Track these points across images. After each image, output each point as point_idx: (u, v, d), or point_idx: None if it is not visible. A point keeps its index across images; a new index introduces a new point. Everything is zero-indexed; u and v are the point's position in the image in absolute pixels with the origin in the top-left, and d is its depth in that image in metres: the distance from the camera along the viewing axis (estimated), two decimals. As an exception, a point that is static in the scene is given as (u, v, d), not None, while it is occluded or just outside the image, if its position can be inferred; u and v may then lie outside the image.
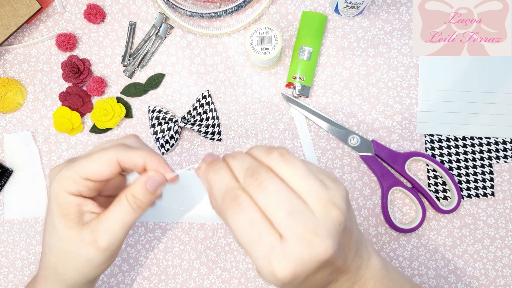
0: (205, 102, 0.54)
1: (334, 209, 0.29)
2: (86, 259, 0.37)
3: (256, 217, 0.28)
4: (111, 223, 0.36)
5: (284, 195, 0.29)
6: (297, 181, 0.29)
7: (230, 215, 0.29)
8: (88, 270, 0.38)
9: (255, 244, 0.28)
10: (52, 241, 0.37)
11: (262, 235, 0.28)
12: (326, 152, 0.54)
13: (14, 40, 0.57)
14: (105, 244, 0.36)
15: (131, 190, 0.36)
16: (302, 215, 0.28)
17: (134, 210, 0.36)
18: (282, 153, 0.31)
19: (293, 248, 0.27)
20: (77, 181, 0.35)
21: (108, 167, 0.35)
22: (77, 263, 0.37)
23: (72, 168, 0.35)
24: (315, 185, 0.29)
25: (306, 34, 0.53)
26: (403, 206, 0.54)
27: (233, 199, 0.29)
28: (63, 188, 0.35)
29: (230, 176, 0.31)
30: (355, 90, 0.54)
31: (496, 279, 0.53)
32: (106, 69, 0.56)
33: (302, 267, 0.28)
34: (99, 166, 0.35)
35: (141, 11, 0.56)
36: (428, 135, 0.54)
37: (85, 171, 0.35)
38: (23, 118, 0.57)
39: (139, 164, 0.36)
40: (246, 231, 0.28)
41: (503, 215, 0.53)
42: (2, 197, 0.56)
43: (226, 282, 0.54)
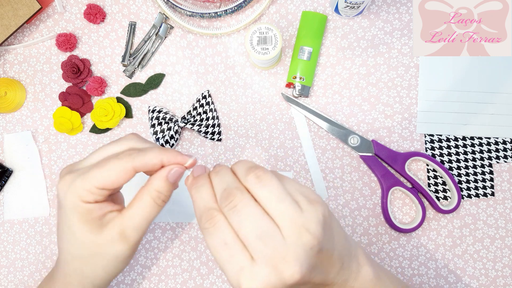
0: (205, 102, 0.54)
1: (306, 234, 0.30)
2: (115, 256, 0.37)
3: (229, 238, 0.30)
4: (137, 220, 0.36)
5: (256, 219, 0.30)
6: (271, 204, 0.30)
7: (206, 234, 0.31)
8: (116, 267, 0.38)
9: (227, 263, 0.30)
10: (74, 249, 0.38)
11: (234, 255, 0.30)
12: (326, 152, 0.54)
13: (14, 40, 0.57)
14: (134, 239, 0.37)
15: (154, 186, 0.36)
16: (272, 239, 0.29)
17: (158, 205, 0.37)
18: (258, 174, 0.32)
19: (261, 270, 0.29)
20: (93, 192, 0.35)
21: (124, 176, 0.35)
22: (106, 262, 0.38)
23: (87, 179, 0.35)
24: (289, 209, 0.30)
25: (306, 34, 0.53)
26: (403, 206, 0.54)
27: (209, 218, 0.31)
28: (80, 198, 0.35)
29: (210, 195, 0.32)
30: (355, 90, 0.54)
31: (496, 279, 0.53)
32: (106, 69, 0.56)
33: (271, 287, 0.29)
34: (115, 176, 0.35)
35: (141, 11, 0.56)
36: (428, 135, 0.54)
37: (101, 182, 0.35)
38: (23, 118, 0.57)
39: (156, 165, 0.36)
40: (219, 250, 0.30)
41: (503, 215, 0.53)
42: (2, 197, 0.56)
43: (226, 282, 0.54)
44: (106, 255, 0.37)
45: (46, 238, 0.56)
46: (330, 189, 0.54)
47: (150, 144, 0.38)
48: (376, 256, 0.54)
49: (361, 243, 0.54)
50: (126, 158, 0.35)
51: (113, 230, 0.36)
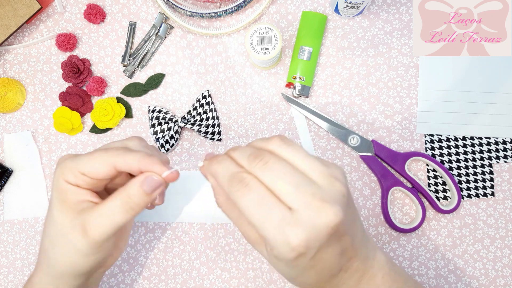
0: (205, 102, 0.54)
1: (337, 182, 0.31)
2: (73, 245, 0.36)
3: (264, 193, 0.30)
4: (101, 217, 0.36)
5: (289, 172, 0.30)
6: (300, 160, 0.31)
7: (239, 196, 0.30)
8: (75, 259, 0.37)
9: (266, 218, 0.29)
10: (48, 226, 0.39)
11: (272, 209, 0.29)
12: (326, 152, 0.54)
13: (14, 40, 0.57)
14: (93, 237, 0.36)
15: (127, 189, 0.36)
16: (308, 187, 0.30)
17: (126, 211, 0.36)
18: (281, 137, 0.33)
19: (304, 216, 0.29)
20: (75, 174, 0.37)
21: (104, 168, 0.36)
22: (65, 249, 0.37)
23: (74, 161, 0.37)
24: (316, 162, 0.31)
25: (306, 34, 0.53)
26: (403, 206, 0.54)
27: (240, 180, 0.31)
28: (63, 176, 0.37)
29: (234, 164, 0.32)
30: (355, 90, 0.54)
31: (496, 279, 0.53)
32: (106, 69, 0.56)
33: (315, 233, 0.29)
34: (95, 166, 0.36)
35: (141, 11, 0.56)
36: (428, 135, 0.54)
37: (83, 167, 0.36)
38: (23, 118, 0.57)
39: (134, 167, 0.36)
40: (256, 208, 0.30)
41: (503, 215, 0.53)
42: (2, 197, 0.56)
43: (226, 282, 0.54)
44: (66, 241, 0.37)
45: (46, 238, 0.56)
46: (330, 189, 0.54)
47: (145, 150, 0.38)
48: (376, 256, 0.54)
49: (361, 243, 0.54)
50: (111, 153, 0.36)
51: (79, 219, 0.36)
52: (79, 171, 0.36)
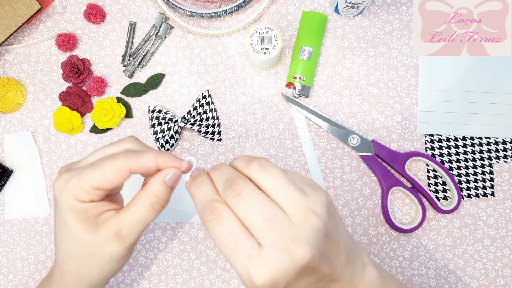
0: (205, 102, 0.54)
1: (313, 215, 0.30)
2: (110, 256, 0.37)
3: (233, 226, 0.29)
4: (134, 221, 0.36)
5: (261, 204, 0.29)
6: (276, 190, 0.30)
7: (209, 226, 0.30)
8: (112, 267, 0.38)
9: (233, 252, 0.29)
10: (71, 247, 0.38)
11: (240, 244, 0.29)
12: (326, 152, 0.54)
13: (14, 40, 0.57)
14: (129, 240, 0.36)
15: (153, 190, 0.36)
16: (280, 222, 0.29)
17: (156, 210, 0.37)
18: (261, 162, 0.31)
19: (270, 255, 0.28)
20: (88, 191, 0.35)
21: (119, 176, 0.35)
22: (102, 262, 0.38)
23: (83, 179, 0.35)
24: (294, 193, 0.30)
25: (306, 34, 0.53)
26: (403, 206, 0.54)
27: (212, 210, 0.30)
28: (75, 197, 0.35)
29: (210, 188, 0.32)
30: (355, 90, 0.54)
31: (496, 279, 0.53)
32: (106, 69, 0.56)
33: (280, 274, 0.28)
34: (110, 176, 0.35)
35: (141, 11, 0.56)
36: (428, 135, 0.54)
37: (96, 181, 0.35)
38: (23, 118, 0.57)
39: (151, 167, 0.36)
40: (224, 240, 0.29)
41: (503, 215, 0.53)
42: (2, 197, 0.56)
43: (226, 282, 0.54)
44: (102, 254, 0.37)
45: (46, 238, 0.56)
46: (330, 189, 0.54)
47: (147, 148, 0.38)
48: (376, 256, 0.54)
49: (361, 243, 0.54)
50: (122, 158, 0.35)
51: (109, 230, 0.36)
52: (92, 186, 0.35)
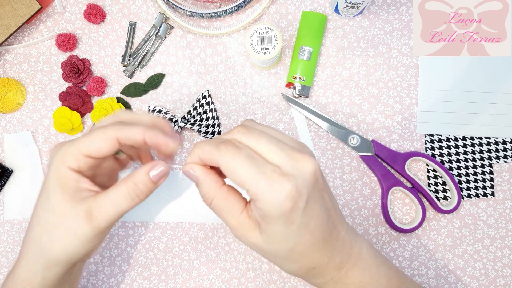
0: (205, 102, 0.54)
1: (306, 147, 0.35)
2: (75, 232, 0.37)
3: (252, 152, 0.32)
4: (107, 204, 0.37)
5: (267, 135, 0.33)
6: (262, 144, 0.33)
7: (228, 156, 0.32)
8: (74, 245, 0.38)
9: (258, 174, 0.31)
10: (43, 213, 0.38)
11: (263, 165, 0.31)
12: (326, 152, 0.54)
13: (14, 40, 0.57)
14: (98, 222, 0.37)
15: (133, 177, 0.37)
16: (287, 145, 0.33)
17: (131, 199, 0.37)
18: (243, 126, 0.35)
19: (289, 167, 0.31)
20: (78, 158, 0.37)
21: (108, 144, 0.36)
22: (66, 236, 0.37)
23: (74, 145, 0.37)
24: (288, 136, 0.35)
25: (306, 34, 0.53)
26: (403, 206, 0.54)
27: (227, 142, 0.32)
28: (64, 163, 0.37)
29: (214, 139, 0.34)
30: (355, 90, 0.54)
31: (496, 279, 0.53)
32: (106, 69, 0.56)
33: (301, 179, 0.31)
34: (99, 143, 0.36)
35: (141, 11, 0.56)
36: (428, 135, 0.54)
37: (86, 148, 0.36)
38: (23, 118, 0.57)
39: (139, 140, 0.37)
40: (247, 165, 0.31)
41: (503, 215, 0.53)
42: (2, 197, 0.56)
43: (226, 282, 0.54)
44: (67, 228, 0.37)
45: (46, 238, 0.56)
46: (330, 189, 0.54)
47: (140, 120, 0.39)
48: (376, 256, 0.54)
49: (361, 243, 0.54)
50: (111, 127, 0.37)
51: (82, 207, 0.37)
52: (82, 152, 0.36)
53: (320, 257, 0.36)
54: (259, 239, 0.34)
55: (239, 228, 0.35)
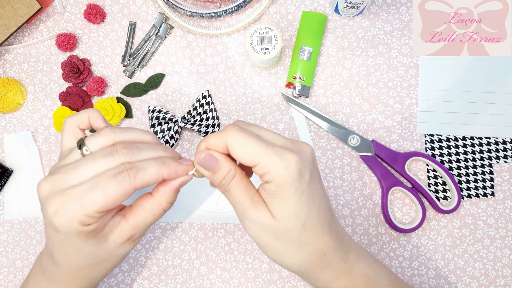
0: (205, 102, 0.54)
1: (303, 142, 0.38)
2: (123, 256, 0.40)
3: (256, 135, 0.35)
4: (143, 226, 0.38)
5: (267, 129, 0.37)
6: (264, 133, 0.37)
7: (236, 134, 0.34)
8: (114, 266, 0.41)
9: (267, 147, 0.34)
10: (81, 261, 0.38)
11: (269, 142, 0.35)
12: (326, 152, 0.54)
13: (14, 40, 0.57)
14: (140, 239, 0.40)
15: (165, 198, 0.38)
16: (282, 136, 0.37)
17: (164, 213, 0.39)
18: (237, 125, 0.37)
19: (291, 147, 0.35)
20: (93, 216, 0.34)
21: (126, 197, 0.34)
22: (116, 262, 0.41)
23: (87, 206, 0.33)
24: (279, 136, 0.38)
25: (306, 34, 0.53)
26: (403, 206, 0.54)
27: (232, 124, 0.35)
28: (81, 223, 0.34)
29: None
30: (355, 90, 0.54)
31: (496, 279, 0.53)
32: (106, 69, 0.56)
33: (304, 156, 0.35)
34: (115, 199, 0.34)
35: (141, 11, 0.56)
36: (428, 135, 0.54)
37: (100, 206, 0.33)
38: (23, 118, 0.57)
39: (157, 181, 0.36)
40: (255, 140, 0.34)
41: (503, 215, 0.53)
42: (2, 197, 0.56)
43: (226, 282, 0.54)
44: (115, 256, 0.39)
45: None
46: (330, 189, 0.54)
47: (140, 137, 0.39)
48: (376, 256, 0.54)
49: (361, 243, 0.54)
50: (126, 179, 0.33)
51: (122, 237, 0.38)
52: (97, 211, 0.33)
53: (330, 241, 0.37)
54: (271, 218, 0.35)
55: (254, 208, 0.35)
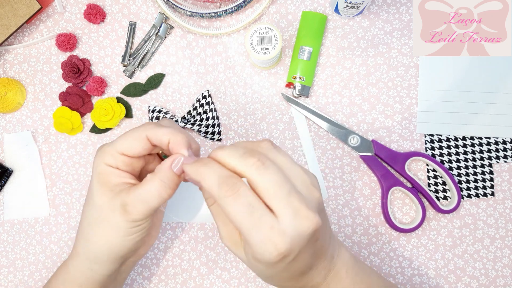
0: (205, 102, 0.54)
1: (315, 190, 0.34)
2: (113, 226, 0.39)
3: (253, 201, 0.31)
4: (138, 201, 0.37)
5: (282, 177, 0.32)
6: (287, 167, 0.33)
7: (228, 202, 0.31)
8: (114, 239, 0.39)
9: (255, 226, 0.31)
10: (87, 209, 0.40)
11: (262, 216, 0.31)
12: (326, 152, 0.54)
13: (14, 40, 0.57)
14: (133, 216, 0.38)
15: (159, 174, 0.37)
16: (297, 195, 0.31)
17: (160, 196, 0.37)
18: (271, 142, 0.34)
19: (290, 223, 0.31)
20: (114, 156, 0.39)
21: (139, 143, 0.38)
22: (105, 230, 0.39)
23: (111, 144, 0.39)
24: (300, 171, 0.34)
25: (306, 34, 0.53)
26: (403, 206, 0.54)
27: (230, 186, 0.31)
28: (103, 159, 0.39)
29: (220, 166, 0.33)
30: (355, 90, 0.54)
31: (496, 279, 0.53)
32: (106, 69, 0.56)
33: (298, 239, 0.31)
34: (130, 142, 0.38)
35: (141, 11, 0.56)
36: (428, 135, 0.54)
37: (120, 147, 0.39)
38: (23, 118, 0.57)
39: (164, 141, 0.38)
40: (246, 215, 0.31)
41: (503, 215, 0.53)
42: (2, 197, 0.56)
43: (226, 282, 0.54)
44: (109, 222, 0.39)
45: (46, 238, 0.56)
46: (330, 189, 0.54)
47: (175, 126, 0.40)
48: (376, 256, 0.54)
49: (361, 243, 0.54)
50: (142, 127, 0.39)
51: (119, 200, 0.38)
52: (117, 151, 0.38)
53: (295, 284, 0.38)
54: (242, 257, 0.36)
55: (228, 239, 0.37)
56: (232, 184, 0.31)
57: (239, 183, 0.31)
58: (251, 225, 0.31)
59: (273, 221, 0.31)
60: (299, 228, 0.31)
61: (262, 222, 0.30)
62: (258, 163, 0.31)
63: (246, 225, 0.31)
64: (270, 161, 0.32)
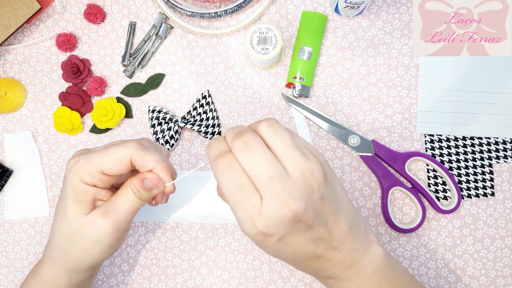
0: (205, 102, 0.54)
1: (310, 177, 0.33)
2: (94, 240, 0.39)
3: (244, 180, 0.32)
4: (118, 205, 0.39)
5: (267, 160, 0.32)
6: (281, 150, 0.33)
7: (220, 174, 0.33)
8: (95, 252, 0.40)
9: (241, 203, 0.32)
10: (62, 225, 0.40)
11: (248, 196, 0.32)
12: (326, 152, 0.54)
13: (14, 40, 0.57)
14: (113, 219, 0.39)
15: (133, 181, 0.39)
16: (282, 180, 0.32)
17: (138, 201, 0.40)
18: (270, 122, 0.34)
19: (271, 207, 0.32)
20: (92, 174, 0.38)
21: (121, 164, 0.38)
22: (86, 244, 0.39)
23: (90, 162, 0.38)
24: (296, 155, 0.33)
25: (306, 34, 0.53)
26: (403, 206, 0.54)
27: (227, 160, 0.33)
28: (79, 178, 0.38)
29: (224, 142, 0.34)
30: (355, 90, 0.54)
31: (496, 279, 0.53)
32: (106, 69, 0.56)
33: (276, 222, 0.32)
34: (112, 162, 0.38)
35: (141, 11, 0.56)
36: (428, 135, 0.54)
37: (100, 165, 0.38)
38: (23, 118, 0.57)
39: (148, 167, 0.39)
40: (234, 191, 0.32)
41: (503, 215, 0.53)
42: (2, 197, 0.56)
43: (226, 282, 0.54)
44: (86, 237, 0.39)
45: (46, 238, 0.56)
46: (330, 189, 0.54)
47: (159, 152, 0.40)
48: (376, 256, 0.54)
49: (361, 243, 0.54)
50: (126, 148, 0.38)
51: (98, 212, 0.39)
52: (96, 170, 0.38)
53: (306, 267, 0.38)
54: None
55: None
56: (228, 159, 0.33)
57: (233, 158, 0.33)
58: (236, 200, 0.32)
59: (256, 201, 0.32)
60: (276, 213, 0.32)
61: (247, 199, 0.32)
62: (243, 145, 0.32)
63: (232, 199, 0.32)
64: (258, 144, 0.33)
